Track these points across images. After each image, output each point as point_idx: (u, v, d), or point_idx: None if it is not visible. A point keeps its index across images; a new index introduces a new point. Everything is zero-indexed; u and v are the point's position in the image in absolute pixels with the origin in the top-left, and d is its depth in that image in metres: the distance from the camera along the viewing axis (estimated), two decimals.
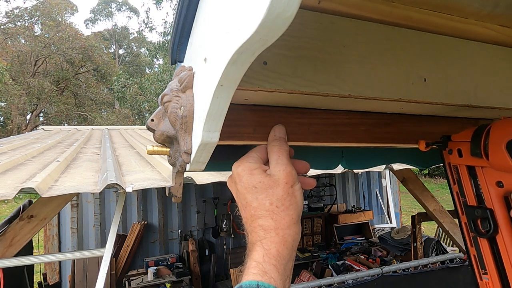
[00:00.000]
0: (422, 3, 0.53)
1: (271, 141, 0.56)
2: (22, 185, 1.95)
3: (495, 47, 0.67)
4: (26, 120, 20.56)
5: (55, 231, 5.42)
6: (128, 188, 2.11)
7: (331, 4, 0.51)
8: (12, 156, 3.07)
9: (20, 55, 20.09)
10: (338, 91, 0.52)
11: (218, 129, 0.47)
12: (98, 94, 23.57)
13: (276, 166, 0.52)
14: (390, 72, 0.57)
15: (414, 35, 0.60)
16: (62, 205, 2.72)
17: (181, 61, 0.65)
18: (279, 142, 0.55)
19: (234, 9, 0.33)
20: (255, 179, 0.51)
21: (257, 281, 0.43)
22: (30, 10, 21.54)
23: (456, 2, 0.52)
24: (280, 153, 0.53)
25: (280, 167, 0.52)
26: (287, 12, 0.27)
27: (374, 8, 0.52)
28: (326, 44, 0.52)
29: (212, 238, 6.14)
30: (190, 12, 0.52)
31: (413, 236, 4.81)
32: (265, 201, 0.50)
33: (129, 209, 5.86)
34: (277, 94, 0.51)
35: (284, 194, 0.50)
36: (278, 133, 0.57)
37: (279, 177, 0.51)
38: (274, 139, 0.56)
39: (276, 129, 0.58)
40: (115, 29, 30.98)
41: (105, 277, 2.29)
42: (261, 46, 0.32)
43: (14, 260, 2.42)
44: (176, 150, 0.58)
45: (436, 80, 0.60)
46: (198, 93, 0.50)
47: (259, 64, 0.47)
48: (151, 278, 5.07)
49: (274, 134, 0.57)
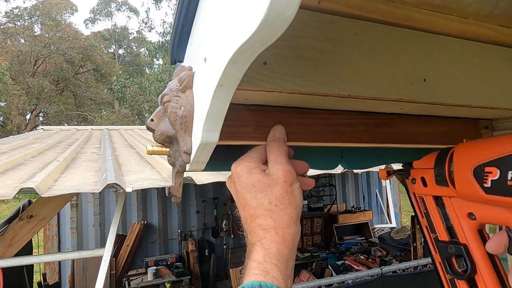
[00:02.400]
0: (422, 3, 0.53)
1: (270, 142, 0.56)
2: (21, 185, 1.95)
3: (495, 47, 0.67)
4: (26, 120, 20.56)
5: (54, 231, 5.42)
6: (128, 188, 2.11)
7: (331, 4, 0.51)
8: (11, 156, 3.07)
9: (20, 55, 20.08)
10: (338, 91, 0.52)
11: (218, 129, 0.47)
12: (97, 94, 23.56)
13: (275, 165, 0.52)
14: (390, 72, 0.57)
15: (414, 35, 0.60)
16: (62, 205, 2.72)
17: (181, 61, 0.65)
18: (278, 142, 0.55)
19: (234, 9, 0.33)
20: (254, 178, 0.51)
21: (260, 282, 0.43)
22: (29, 10, 21.54)
23: (456, 2, 0.52)
24: (278, 153, 0.53)
25: (278, 166, 0.52)
26: (287, 12, 0.27)
27: (374, 8, 0.52)
28: (326, 44, 0.52)
29: (212, 238, 6.14)
30: (190, 12, 0.52)
31: (412, 236, 4.81)
32: (264, 200, 0.49)
33: (128, 209, 5.86)
34: (277, 94, 0.51)
35: (283, 193, 0.50)
36: (277, 134, 0.57)
37: (278, 176, 0.51)
38: (273, 139, 0.56)
39: (275, 130, 0.57)
40: (115, 29, 30.97)
41: (104, 277, 2.29)
42: (261, 46, 0.32)
43: (13, 260, 2.42)
44: (176, 150, 0.58)
45: (436, 80, 0.60)
46: (198, 93, 0.50)
47: (259, 64, 0.47)
48: (150, 278, 5.07)
49: (273, 134, 0.57)
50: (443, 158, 0.49)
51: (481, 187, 0.41)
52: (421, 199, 0.56)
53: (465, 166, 0.44)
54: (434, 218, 0.53)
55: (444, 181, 0.48)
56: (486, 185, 0.41)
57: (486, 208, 0.43)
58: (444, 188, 0.49)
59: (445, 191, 0.50)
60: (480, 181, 0.41)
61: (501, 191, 0.38)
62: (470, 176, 0.43)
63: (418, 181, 0.55)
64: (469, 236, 0.47)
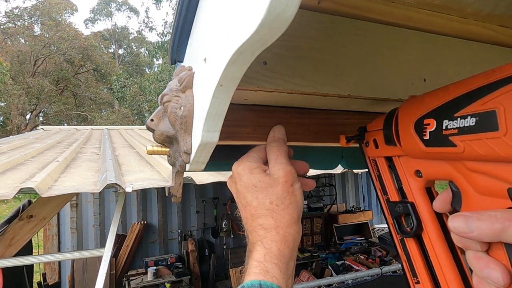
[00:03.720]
0: (422, 3, 0.53)
1: (270, 142, 0.56)
2: (21, 185, 1.95)
3: (494, 47, 0.67)
4: (26, 120, 20.55)
5: (54, 231, 5.41)
6: (128, 188, 2.11)
7: (331, 4, 0.51)
8: (11, 156, 3.07)
9: (20, 55, 20.07)
10: (338, 91, 0.52)
11: (218, 129, 0.47)
12: (97, 94, 23.54)
13: (275, 165, 0.52)
14: (390, 72, 0.57)
15: (414, 35, 0.60)
16: (62, 205, 2.72)
17: (181, 61, 0.65)
18: (278, 142, 0.55)
19: (234, 9, 0.33)
20: (255, 178, 0.51)
21: (259, 280, 0.43)
22: (29, 10, 21.54)
23: (456, 3, 0.52)
24: (278, 153, 0.53)
25: (279, 166, 0.52)
26: (287, 12, 0.27)
27: (374, 8, 0.52)
28: (326, 44, 0.52)
29: (211, 238, 6.14)
30: (190, 12, 0.52)
31: None
32: (265, 200, 0.49)
33: (128, 209, 5.86)
34: (276, 94, 0.51)
35: (284, 192, 0.50)
36: (277, 134, 0.57)
37: (279, 176, 0.51)
38: (273, 140, 0.56)
39: (275, 130, 0.58)
40: (115, 29, 30.96)
41: (104, 277, 2.28)
42: (261, 46, 0.32)
43: (13, 260, 2.42)
44: (175, 150, 0.58)
45: (436, 80, 0.60)
46: (197, 93, 0.50)
47: (259, 64, 0.47)
48: (150, 278, 5.07)
49: (273, 135, 0.57)
50: (391, 117, 0.48)
51: (421, 140, 0.41)
52: (374, 162, 0.55)
53: (408, 121, 0.43)
54: (386, 180, 0.53)
55: (392, 141, 0.47)
56: (425, 137, 0.40)
57: (430, 164, 0.43)
58: (393, 147, 0.48)
59: (393, 151, 0.49)
60: (420, 134, 0.41)
61: (438, 142, 0.38)
62: (412, 131, 0.42)
63: (370, 143, 0.54)
64: (416, 194, 0.47)
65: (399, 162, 0.49)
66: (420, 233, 0.47)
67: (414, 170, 0.47)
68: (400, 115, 0.46)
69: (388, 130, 0.49)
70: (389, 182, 0.52)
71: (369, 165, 0.57)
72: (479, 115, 0.34)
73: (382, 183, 0.54)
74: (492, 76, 0.34)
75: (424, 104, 0.41)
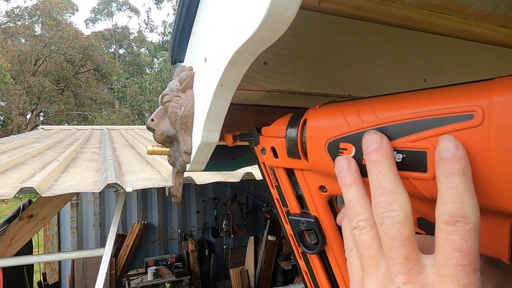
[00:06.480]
0: (423, 3, 0.53)
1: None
2: (22, 184, 1.95)
3: (495, 48, 0.67)
4: (26, 120, 20.57)
5: (54, 231, 5.42)
6: (128, 188, 2.11)
7: (331, 4, 0.51)
8: (12, 156, 3.07)
9: (20, 55, 20.08)
10: (338, 92, 0.52)
11: (218, 129, 0.47)
12: (98, 93, 23.54)
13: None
14: (390, 72, 0.57)
15: (414, 36, 0.60)
16: (62, 205, 2.72)
17: (181, 61, 0.65)
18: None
19: (234, 9, 0.33)
20: None
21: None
22: (30, 9, 21.55)
23: (457, 3, 0.52)
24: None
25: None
26: (287, 13, 0.27)
27: (374, 9, 0.52)
28: (326, 44, 0.52)
29: (211, 238, 6.14)
30: (191, 12, 0.52)
31: None
32: None
33: (129, 209, 5.86)
34: (277, 94, 0.51)
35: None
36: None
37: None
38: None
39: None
40: (116, 28, 30.97)
41: (104, 276, 2.29)
42: (261, 46, 0.32)
43: (13, 260, 2.42)
44: (176, 150, 0.58)
45: (436, 80, 0.60)
46: (198, 93, 0.50)
47: (259, 64, 0.47)
48: (150, 278, 5.07)
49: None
50: (295, 127, 0.42)
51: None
52: (272, 171, 0.48)
53: (319, 139, 0.38)
54: (286, 192, 0.47)
55: (297, 154, 0.42)
56: None
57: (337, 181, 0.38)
58: (296, 160, 0.43)
59: (297, 164, 0.43)
60: (334, 156, 0.36)
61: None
62: (324, 151, 0.37)
63: (268, 151, 0.47)
64: (320, 208, 0.43)
65: (302, 176, 0.44)
66: (324, 248, 0.43)
67: (318, 185, 0.42)
68: (309, 128, 0.40)
69: (292, 142, 0.42)
70: (290, 194, 0.46)
71: (265, 173, 0.50)
72: (407, 153, 0.30)
73: (281, 194, 0.47)
74: (428, 110, 0.29)
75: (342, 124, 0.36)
